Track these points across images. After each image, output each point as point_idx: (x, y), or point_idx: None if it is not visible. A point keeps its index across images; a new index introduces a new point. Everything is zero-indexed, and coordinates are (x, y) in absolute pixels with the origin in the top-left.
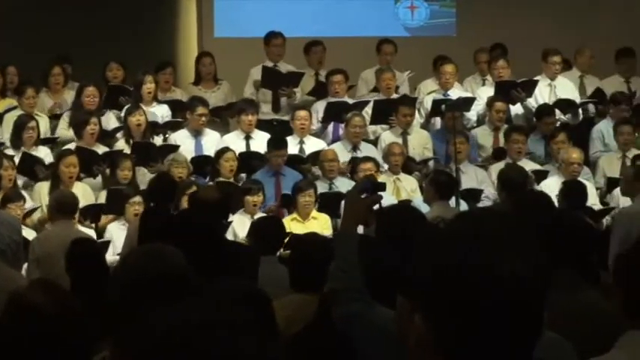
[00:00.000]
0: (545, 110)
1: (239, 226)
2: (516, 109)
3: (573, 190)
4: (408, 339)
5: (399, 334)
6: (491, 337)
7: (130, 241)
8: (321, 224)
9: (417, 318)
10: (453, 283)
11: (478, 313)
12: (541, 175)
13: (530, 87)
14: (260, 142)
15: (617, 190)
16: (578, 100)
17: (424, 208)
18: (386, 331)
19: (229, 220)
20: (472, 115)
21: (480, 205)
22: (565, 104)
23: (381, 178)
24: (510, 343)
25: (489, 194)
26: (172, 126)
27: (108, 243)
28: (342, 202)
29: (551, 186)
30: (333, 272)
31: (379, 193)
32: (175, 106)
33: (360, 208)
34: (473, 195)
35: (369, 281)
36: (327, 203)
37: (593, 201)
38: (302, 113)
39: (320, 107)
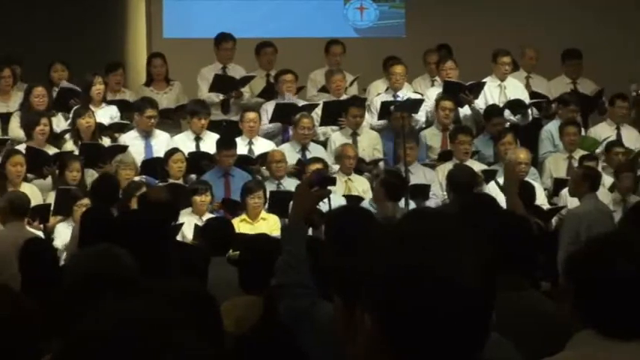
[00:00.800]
0: (493, 111)
1: (187, 226)
2: (464, 110)
3: (521, 191)
4: (353, 339)
5: (337, 334)
6: (440, 337)
7: (75, 242)
8: (270, 225)
9: (367, 319)
10: (402, 284)
11: (427, 314)
12: (490, 175)
13: (477, 89)
14: (210, 143)
15: (564, 191)
16: (527, 100)
17: (374, 209)
18: (332, 327)
19: (180, 222)
20: (421, 116)
21: (428, 203)
22: (515, 105)
23: None
24: (459, 343)
25: (437, 194)
26: (119, 128)
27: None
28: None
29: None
30: (280, 267)
31: (329, 187)
32: (123, 107)
33: (309, 201)
34: (421, 191)
35: (318, 281)
36: (277, 203)
37: (541, 201)
38: (251, 115)
39: (269, 108)
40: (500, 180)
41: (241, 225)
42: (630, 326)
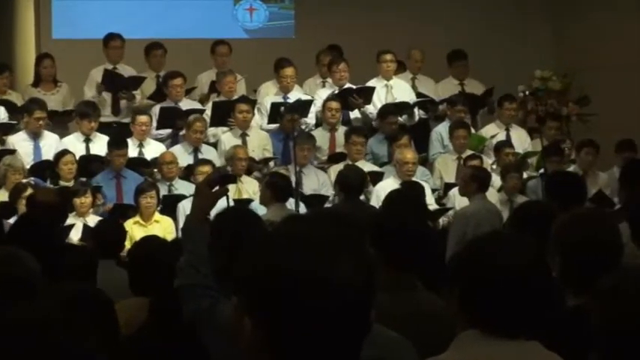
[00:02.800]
0: (387, 110)
1: (73, 229)
2: (355, 113)
3: (410, 190)
4: (240, 339)
5: (232, 334)
6: (317, 336)
7: None
8: (163, 228)
9: (247, 318)
10: (280, 285)
11: (305, 314)
12: (377, 177)
13: (367, 94)
14: (100, 144)
15: (453, 191)
16: (413, 101)
17: (262, 210)
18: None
19: (70, 223)
20: (310, 119)
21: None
22: (401, 106)
23: None
24: (338, 342)
25: (330, 196)
26: (6, 129)
27: None
28: (179, 206)
29: (387, 187)
30: (182, 268)
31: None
32: (11, 108)
33: (208, 200)
34: (317, 200)
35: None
36: (169, 206)
37: (429, 201)
38: (143, 118)
39: (157, 111)
40: (392, 180)
41: (134, 227)
42: (513, 325)
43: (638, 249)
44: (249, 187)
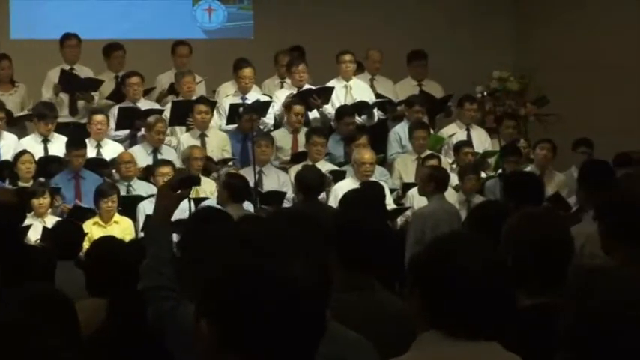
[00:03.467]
0: (344, 111)
1: (31, 229)
2: (313, 113)
3: (369, 191)
4: (196, 340)
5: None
6: (273, 335)
7: None
8: (123, 229)
9: (202, 320)
10: (233, 285)
11: (258, 313)
12: (339, 175)
13: (326, 94)
14: (58, 145)
15: (412, 191)
16: (373, 101)
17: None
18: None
19: (28, 224)
20: (269, 119)
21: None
22: (359, 106)
23: None
24: (291, 341)
25: (289, 196)
26: None
27: None
28: (139, 206)
29: (345, 187)
30: (145, 270)
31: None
32: None
33: (170, 202)
34: (275, 198)
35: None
36: (128, 207)
37: (388, 202)
38: (99, 117)
39: (116, 111)
40: (350, 180)
41: (94, 228)
42: (474, 325)
43: (602, 250)
44: (206, 188)
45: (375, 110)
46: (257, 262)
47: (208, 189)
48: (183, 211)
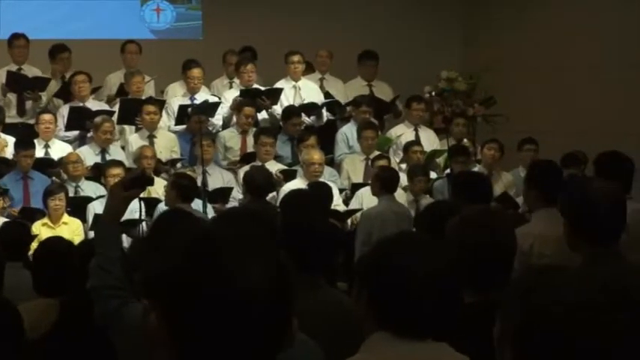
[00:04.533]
0: (292, 111)
1: None
2: (263, 114)
3: (318, 191)
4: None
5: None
6: (229, 338)
7: None
8: (72, 229)
9: (153, 316)
10: (186, 282)
11: (212, 313)
12: (290, 175)
13: (275, 95)
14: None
15: (361, 191)
16: (322, 102)
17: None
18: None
19: None
20: (218, 119)
21: (229, 206)
22: (308, 106)
23: None
24: (247, 341)
25: (237, 196)
26: None
27: None
28: (89, 207)
29: (293, 187)
30: (92, 270)
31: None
32: None
33: (120, 203)
34: (221, 195)
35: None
36: (77, 208)
37: (337, 202)
38: (46, 117)
39: (65, 112)
40: (299, 180)
41: (43, 229)
42: (421, 325)
43: (568, 245)
44: (158, 188)
45: (324, 111)
46: (211, 260)
47: (160, 189)
48: (133, 211)
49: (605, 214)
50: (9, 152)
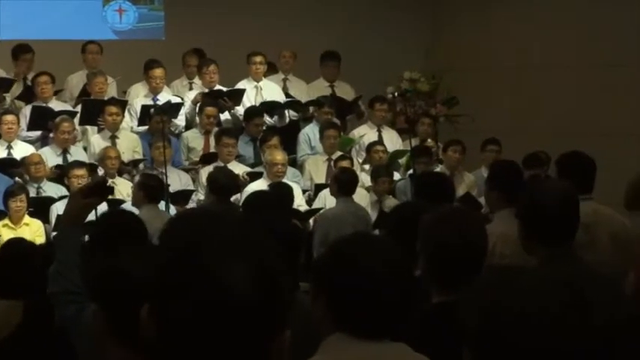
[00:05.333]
0: (253, 112)
1: None
2: (225, 115)
3: (278, 192)
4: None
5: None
6: (210, 344)
7: None
8: (33, 230)
9: (100, 319)
10: (166, 291)
11: (196, 322)
12: (256, 177)
13: (237, 96)
14: None
15: (324, 192)
16: (284, 101)
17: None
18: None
19: None
20: (180, 120)
21: (189, 206)
22: (270, 106)
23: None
24: (233, 348)
25: (194, 197)
26: None
27: None
28: (52, 208)
29: (256, 189)
30: (52, 275)
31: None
32: None
33: (80, 209)
34: (182, 197)
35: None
36: (38, 209)
37: (300, 202)
38: (9, 117)
39: (28, 112)
40: (262, 181)
41: (3, 230)
42: (378, 326)
43: (523, 248)
44: (123, 189)
45: (287, 111)
46: (192, 264)
47: (125, 190)
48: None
49: (554, 215)
50: None
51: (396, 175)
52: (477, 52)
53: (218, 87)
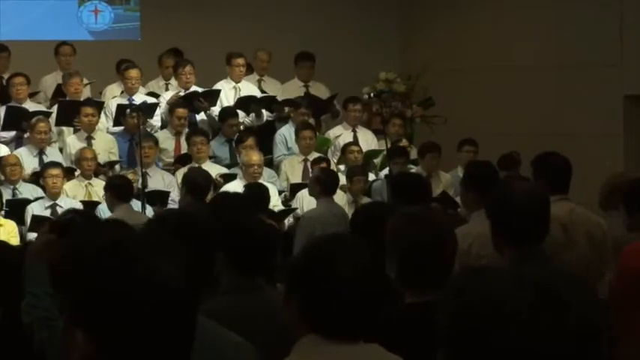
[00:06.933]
0: (228, 112)
1: None
2: (201, 115)
3: (254, 192)
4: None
5: (64, 350)
6: (145, 341)
7: None
8: (7, 231)
9: (79, 333)
10: (103, 294)
11: (131, 321)
12: (230, 179)
13: (213, 97)
14: None
15: (301, 193)
16: (260, 96)
17: (109, 213)
18: None
19: None
20: (156, 121)
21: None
22: (245, 102)
23: (72, 184)
24: (163, 343)
25: (175, 198)
26: None
27: None
28: (27, 208)
29: (232, 189)
30: (24, 309)
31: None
32: None
33: (44, 245)
34: (159, 198)
35: None
36: (13, 210)
37: (276, 203)
38: None
39: (2, 111)
40: (238, 182)
41: None
42: (353, 328)
43: (494, 248)
44: (99, 190)
45: (264, 111)
46: (123, 265)
47: (101, 191)
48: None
49: (523, 216)
50: None
51: (371, 176)
52: (453, 53)
53: (194, 88)
